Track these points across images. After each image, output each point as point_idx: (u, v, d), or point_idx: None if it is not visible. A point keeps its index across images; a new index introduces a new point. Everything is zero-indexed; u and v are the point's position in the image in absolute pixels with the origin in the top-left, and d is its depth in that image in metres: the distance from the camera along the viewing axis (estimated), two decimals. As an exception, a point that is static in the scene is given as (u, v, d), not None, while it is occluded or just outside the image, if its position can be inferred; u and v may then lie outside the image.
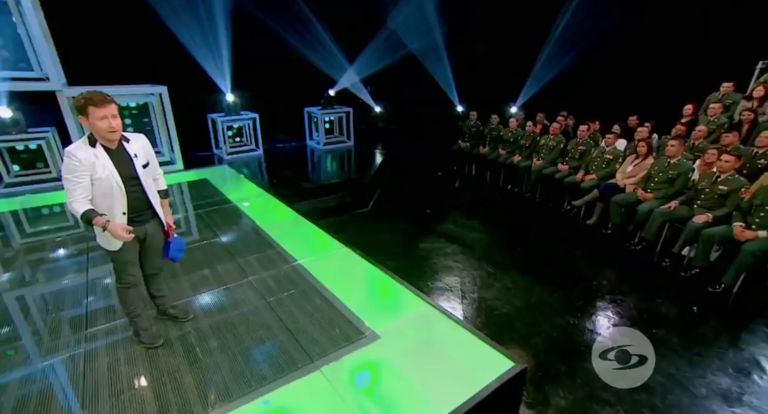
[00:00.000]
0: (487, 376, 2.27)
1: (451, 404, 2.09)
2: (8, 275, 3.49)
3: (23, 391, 2.20)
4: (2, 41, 5.41)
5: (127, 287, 2.36)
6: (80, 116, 2.04)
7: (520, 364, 2.35)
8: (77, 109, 2.03)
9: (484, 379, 2.24)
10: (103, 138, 2.09)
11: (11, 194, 5.52)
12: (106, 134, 2.06)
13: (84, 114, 2.01)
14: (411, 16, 9.01)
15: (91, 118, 2.00)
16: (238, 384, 2.22)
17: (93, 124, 2.02)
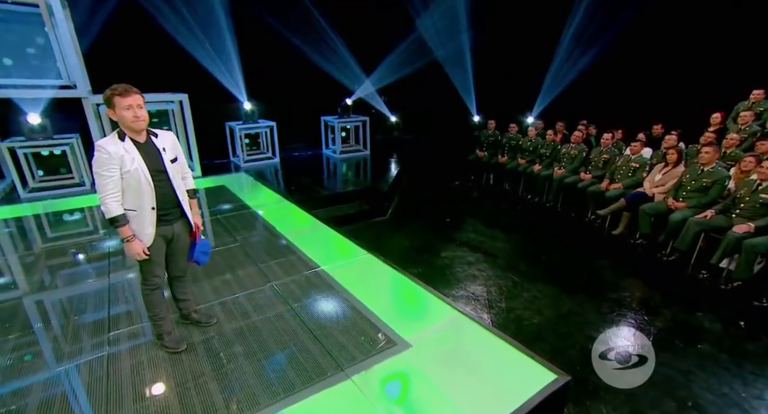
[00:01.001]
0: (528, 388, 2.13)
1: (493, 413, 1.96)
2: (31, 279, 3.47)
3: (46, 393, 2.12)
4: (34, 51, 5.56)
5: (153, 289, 2.29)
6: (109, 109, 2.04)
7: (564, 375, 2.20)
8: (105, 103, 2.04)
9: (525, 392, 2.11)
10: (129, 129, 2.07)
11: (35, 198, 5.57)
12: (131, 124, 2.05)
13: (111, 106, 2.02)
14: (438, 21, 9.07)
15: (117, 108, 2.01)
16: (265, 391, 2.12)
17: (119, 114, 2.02)
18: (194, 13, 6.97)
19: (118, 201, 2.03)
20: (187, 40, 6.98)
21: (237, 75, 7.67)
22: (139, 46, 6.80)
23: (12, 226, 4.76)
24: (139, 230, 2.13)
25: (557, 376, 2.20)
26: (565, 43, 8.29)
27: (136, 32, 6.82)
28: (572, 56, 8.30)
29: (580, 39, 8.08)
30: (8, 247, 4.26)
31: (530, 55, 8.85)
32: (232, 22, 7.48)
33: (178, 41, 6.89)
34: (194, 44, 7.07)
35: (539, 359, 2.33)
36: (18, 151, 5.62)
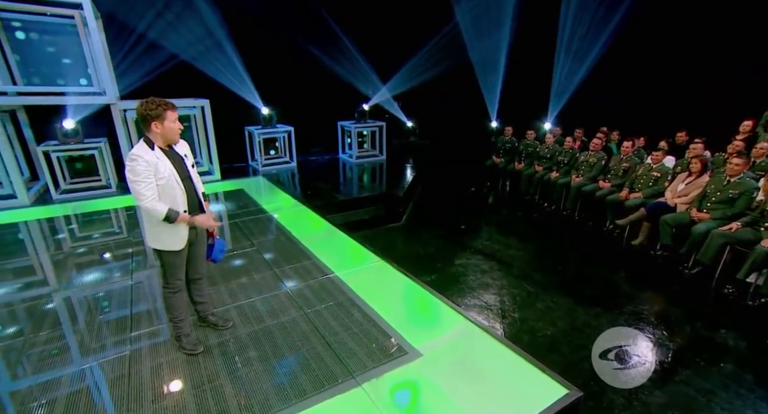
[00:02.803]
0: (539, 402, 2.12)
1: (501, 431, 1.96)
2: (61, 276, 3.65)
3: (72, 388, 2.24)
4: (68, 59, 5.84)
5: (174, 292, 2.39)
6: (155, 122, 2.14)
7: (576, 391, 2.18)
8: (152, 116, 2.13)
9: (536, 406, 2.10)
10: (170, 139, 2.23)
11: (66, 200, 5.84)
12: (175, 135, 2.23)
13: (160, 119, 2.14)
14: (480, 18, 9.02)
15: (167, 121, 2.16)
16: (278, 396, 2.17)
17: (167, 126, 2.17)
18: (215, 23, 7.19)
19: (160, 201, 2.14)
20: (209, 48, 7.20)
21: (256, 82, 7.86)
22: (162, 52, 7.03)
23: (45, 226, 5.01)
24: (175, 233, 2.23)
25: (569, 391, 2.18)
26: (581, 44, 8.14)
27: (161, 39, 7.08)
28: (591, 58, 8.14)
29: (598, 39, 7.92)
30: (41, 246, 4.48)
31: (552, 56, 8.71)
32: (253, 30, 7.68)
33: (200, 47, 7.12)
34: (216, 52, 7.29)
35: (550, 373, 2.31)
36: (51, 155, 5.90)
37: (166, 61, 6.92)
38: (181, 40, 6.95)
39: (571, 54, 8.26)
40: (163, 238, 2.22)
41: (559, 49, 8.39)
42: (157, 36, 6.79)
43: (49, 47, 5.85)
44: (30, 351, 2.57)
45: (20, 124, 6.15)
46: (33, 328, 2.82)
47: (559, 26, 8.27)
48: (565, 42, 8.29)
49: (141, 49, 6.71)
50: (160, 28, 6.79)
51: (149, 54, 6.80)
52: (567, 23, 8.21)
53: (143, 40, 6.71)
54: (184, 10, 6.82)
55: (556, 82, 8.58)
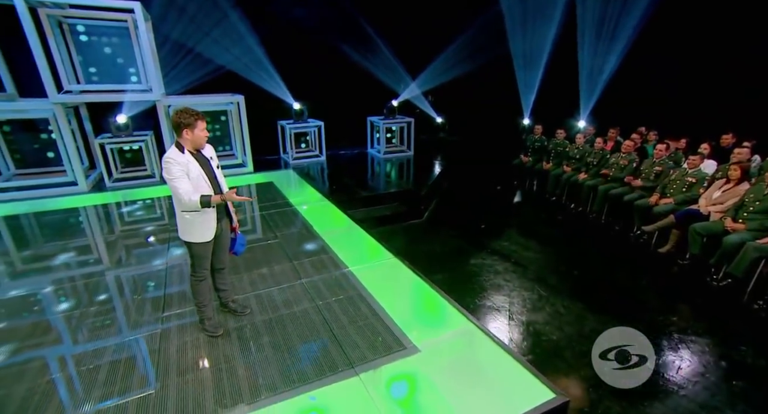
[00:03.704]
0: (524, 404, 2.22)
1: (484, 428, 2.08)
2: (112, 256, 4.13)
3: (114, 357, 2.60)
4: (120, 59, 6.39)
5: (200, 280, 2.68)
6: (186, 129, 2.42)
7: (562, 396, 2.25)
8: (184, 125, 2.41)
9: (521, 407, 2.19)
10: (198, 145, 2.50)
11: (117, 188, 6.45)
12: (203, 141, 2.51)
13: (191, 127, 2.42)
14: (528, 11, 8.79)
15: (197, 130, 2.44)
16: (284, 379, 2.41)
17: (197, 134, 2.45)
18: (250, 21, 7.52)
19: (194, 193, 2.40)
20: (244, 48, 7.57)
21: (288, 78, 8.16)
22: (201, 49, 7.45)
23: (100, 211, 5.60)
24: (205, 226, 2.51)
25: (556, 396, 2.26)
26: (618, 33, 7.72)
27: (203, 36, 7.51)
28: (628, 52, 7.70)
29: (637, 30, 7.47)
30: (96, 229, 5.05)
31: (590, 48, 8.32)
32: (287, 30, 7.97)
33: (237, 46, 7.51)
34: (251, 51, 7.65)
35: (541, 377, 2.39)
36: (106, 146, 6.52)
37: (206, 61, 7.36)
38: (219, 42, 7.36)
39: (607, 45, 7.85)
40: (192, 232, 2.51)
41: (594, 40, 8.01)
42: (199, 38, 7.23)
43: (105, 48, 6.43)
44: (86, 321, 2.99)
45: (81, 118, 6.83)
46: (88, 301, 3.26)
47: (596, 16, 7.90)
48: (602, 33, 7.90)
49: (183, 50, 7.18)
50: (203, 31, 7.22)
51: (190, 54, 7.26)
52: (608, 13, 7.82)
53: (186, 42, 7.17)
54: (223, 14, 7.21)
55: (586, 76, 8.21)
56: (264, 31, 7.65)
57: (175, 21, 6.94)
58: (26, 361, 2.58)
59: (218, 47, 7.34)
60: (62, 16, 5.98)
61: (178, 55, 7.15)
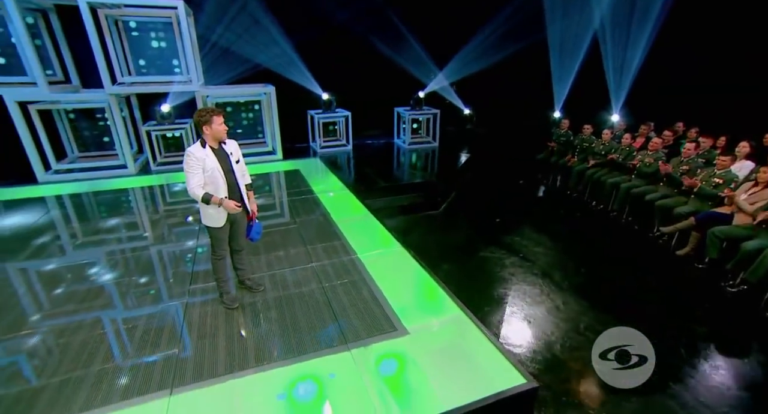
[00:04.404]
0: (497, 386, 2.42)
1: (455, 403, 2.31)
2: (155, 233, 4.70)
3: (149, 319, 3.07)
4: (163, 52, 6.95)
5: (219, 259, 3.07)
6: (205, 126, 2.76)
7: (532, 382, 2.43)
8: (203, 121, 2.75)
9: (492, 388, 2.40)
10: (217, 139, 2.83)
11: (160, 171, 7.11)
12: (223, 135, 2.83)
13: (209, 123, 2.75)
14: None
15: (214, 125, 2.75)
16: (285, 349, 2.76)
17: (215, 128, 2.77)
18: (282, 15, 7.84)
19: (201, 188, 2.77)
20: (276, 41, 7.93)
21: (317, 69, 8.45)
22: (235, 42, 7.87)
23: (146, 192, 6.25)
24: (216, 214, 2.87)
25: (526, 381, 2.44)
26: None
27: (243, 30, 7.93)
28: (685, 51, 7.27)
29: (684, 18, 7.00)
30: (143, 208, 5.67)
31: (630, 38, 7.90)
32: (316, 20, 8.22)
33: (268, 38, 7.89)
34: (282, 44, 8.01)
35: (516, 364, 2.58)
36: (152, 133, 7.17)
37: (243, 58, 7.80)
38: (255, 36, 7.76)
39: (637, 31, 7.41)
40: (207, 217, 2.88)
41: (626, 25, 7.60)
42: (236, 31, 7.66)
43: (153, 42, 7.00)
44: (130, 288, 3.52)
45: (132, 106, 7.52)
46: (136, 271, 3.80)
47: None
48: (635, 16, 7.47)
49: (220, 43, 7.65)
50: (239, 25, 7.64)
51: (226, 48, 7.72)
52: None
53: (222, 36, 7.62)
54: (255, 9, 7.57)
55: (616, 65, 7.80)
56: (294, 24, 7.95)
57: (214, 19, 7.40)
58: (83, 318, 3.11)
59: (253, 44, 7.76)
60: (118, 14, 6.59)
61: (215, 50, 7.64)
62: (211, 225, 2.90)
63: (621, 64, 7.83)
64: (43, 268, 3.91)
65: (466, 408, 2.30)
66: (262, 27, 7.75)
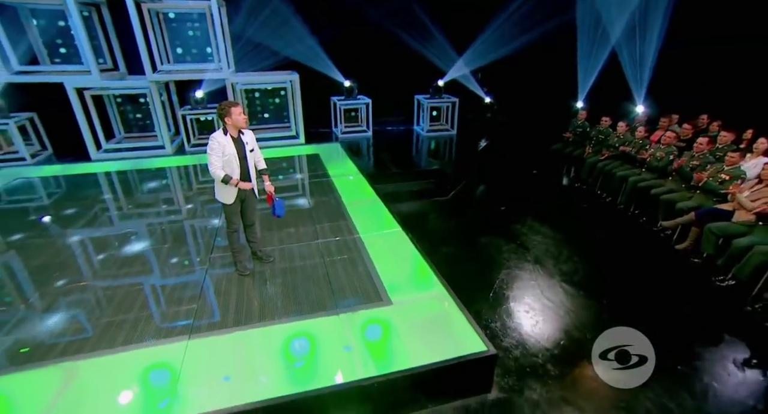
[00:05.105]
0: (461, 351, 2.78)
1: (423, 362, 2.69)
2: (187, 208, 5.33)
3: (177, 280, 3.65)
4: (197, 42, 7.51)
5: (233, 232, 3.57)
6: (226, 117, 3.21)
7: (492, 351, 2.77)
8: (224, 113, 3.20)
9: (457, 353, 2.76)
10: (237, 127, 3.28)
11: (194, 152, 7.79)
12: (242, 123, 3.27)
13: (228, 114, 3.19)
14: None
15: (234, 115, 3.20)
16: (285, 310, 3.24)
17: (235, 118, 3.21)
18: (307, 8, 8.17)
19: (221, 169, 3.25)
20: (301, 29, 8.30)
21: (340, 57, 8.76)
22: (262, 33, 8.29)
23: (181, 171, 6.92)
24: (227, 193, 3.36)
25: (487, 349, 2.78)
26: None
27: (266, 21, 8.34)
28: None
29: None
30: (178, 186, 6.34)
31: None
32: (338, 10, 8.49)
33: (294, 28, 8.28)
34: (306, 32, 8.37)
35: (482, 335, 2.91)
36: (187, 117, 7.83)
37: (268, 45, 8.24)
38: (282, 28, 8.18)
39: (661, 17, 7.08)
40: (220, 195, 3.37)
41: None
42: (267, 25, 8.09)
43: (189, 32, 7.57)
44: (165, 255, 4.12)
45: (170, 92, 8.20)
46: (170, 240, 4.41)
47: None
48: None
49: (250, 35, 8.11)
50: (268, 19, 8.06)
51: (257, 41, 8.18)
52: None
53: (253, 28, 8.08)
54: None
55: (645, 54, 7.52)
56: (319, 15, 8.27)
57: (245, 12, 7.86)
58: (124, 275, 3.74)
59: (281, 36, 8.18)
60: (159, 7, 7.17)
61: (246, 41, 8.13)
62: (222, 201, 3.39)
63: (652, 53, 7.57)
64: (95, 235, 4.60)
65: (431, 367, 2.68)
66: (289, 20, 8.13)
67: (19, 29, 6.75)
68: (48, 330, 3.07)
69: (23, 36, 6.83)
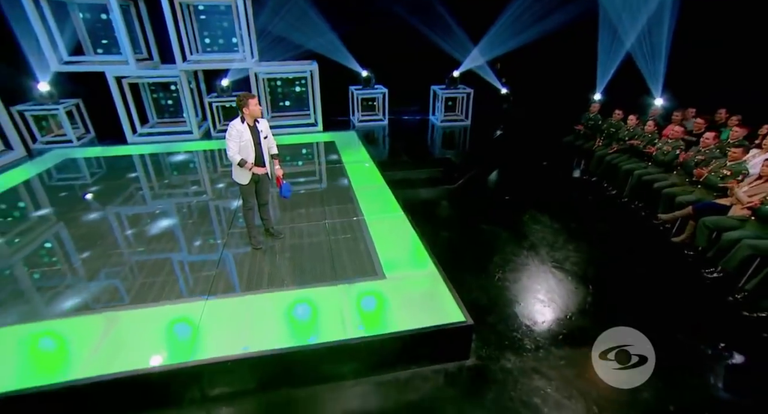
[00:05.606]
0: (442, 319, 3.12)
1: (407, 327, 3.05)
2: (212, 189, 5.85)
3: (199, 251, 4.14)
4: (227, 32, 7.96)
5: (248, 209, 4.01)
6: (243, 108, 3.61)
7: (469, 321, 3.10)
8: (242, 104, 3.60)
9: (438, 321, 3.10)
10: (254, 117, 3.68)
11: (219, 137, 8.32)
12: (258, 113, 3.67)
13: (246, 105, 3.59)
14: None
15: (251, 106, 3.60)
16: (291, 279, 3.66)
17: (251, 108, 3.61)
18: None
19: (238, 154, 3.66)
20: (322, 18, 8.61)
21: (358, 48, 9.02)
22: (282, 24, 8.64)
23: (208, 155, 7.47)
24: (242, 175, 3.78)
25: (465, 320, 3.10)
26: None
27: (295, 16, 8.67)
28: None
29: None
30: (204, 169, 6.88)
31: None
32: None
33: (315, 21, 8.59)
34: (327, 24, 8.67)
35: (463, 308, 3.23)
36: (213, 104, 8.36)
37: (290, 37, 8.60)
38: (306, 22, 8.52)
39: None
40: (237, 177, 3.80)
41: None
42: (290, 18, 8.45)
43: (216, 23, 8.03)
44: (191, 230, 4.62)
45: (199, 80, 8.74)
46: (196, 217, 4.93)
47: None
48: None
49: (272, 26, 8.49)
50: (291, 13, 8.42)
51: (277, 31, 8.55)
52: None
53: (276, 20, 8.45)
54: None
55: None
56: (340, 8, 8.54)
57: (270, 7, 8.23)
58: (154, 245, 4.27)
59: (303, 31, 8.52)
60: (190, 0, 7.66)
61: (271, 34, 8.52)
62: (239, 182, 3.82)
63: (665, 46, 7.45)
64: (130, 212, 5.18)
65: (414, 332, 3.03)
66: (310, 16, 8.45)
67: (66, 22, 7.39)
68: (92, 287, 3.62)
69: (69, 29, 7.47)
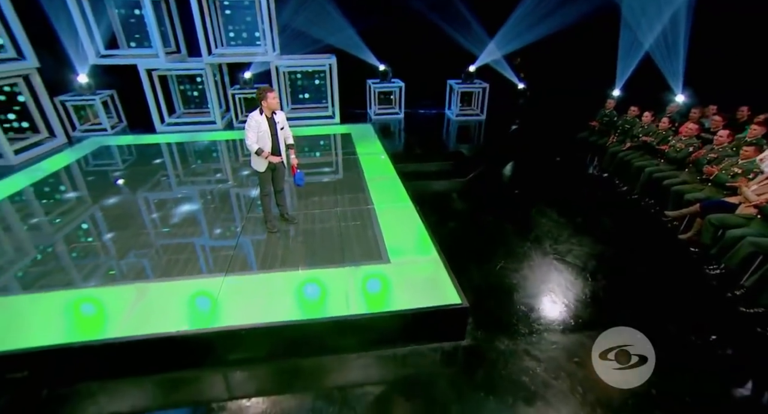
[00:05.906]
0: (440, 301, 3.34)
1: (407, 306, 3.29)
2: (233, 176, 6.21)
3: (220, 233, 4.48)
4: (246, 27, 8.28)
5: (265, 195, 4.31)
6: (262, 100, 3.88)
7: (465, 304, 3.30)
8: (261, 97, 3.87)
9: (436, 302, 3.32)
10: (272, 109, 3.93)
11: (240, 127, 8.67)
12: (276, 106, 3.92)
13: (265, 98, 3.85)
14: None
15: (269, 99, 3.86)
16: (303, 261, 3.94)
17: (270, 101, 3.87)
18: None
19: (255, 143, 3.95)
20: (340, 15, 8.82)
21: (376, 43, 9.19)
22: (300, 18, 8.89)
23: (230, 144, 7.85)
24: (259, 163, 4.07)
25: (461, 302, 3.31)
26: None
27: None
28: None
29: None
30: (226, 158, 7.26)
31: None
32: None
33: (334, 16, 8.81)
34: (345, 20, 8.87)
35: (460, 292, 3.43)
36: (236, 96, 8.73)
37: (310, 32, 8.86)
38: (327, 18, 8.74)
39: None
40: (255, 165, 4.09)
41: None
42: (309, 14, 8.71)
43: (240, 18, 8.36)
44: (213, 215, 4.97)
45: (223, 72, 9.12)
46: (217, 202, 5.28)
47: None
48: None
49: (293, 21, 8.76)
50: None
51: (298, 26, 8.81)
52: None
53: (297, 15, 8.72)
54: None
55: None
56: (356, 3, 8.72)
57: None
58: (178, 227, 4.63)
59: (324, 26, 8.75)
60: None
61: (292, 30, 8.79)
62: (257, 169, 4.11)
63: (684, 42, 7.30)
64: (158, 198, 5.58)
65: (413, 311, 3.26)
66: (329, 11, 8.67)
67: (102, 18, 7.86)
68: (124, 261, 4.00)
69: (105, 23, 7.95)
